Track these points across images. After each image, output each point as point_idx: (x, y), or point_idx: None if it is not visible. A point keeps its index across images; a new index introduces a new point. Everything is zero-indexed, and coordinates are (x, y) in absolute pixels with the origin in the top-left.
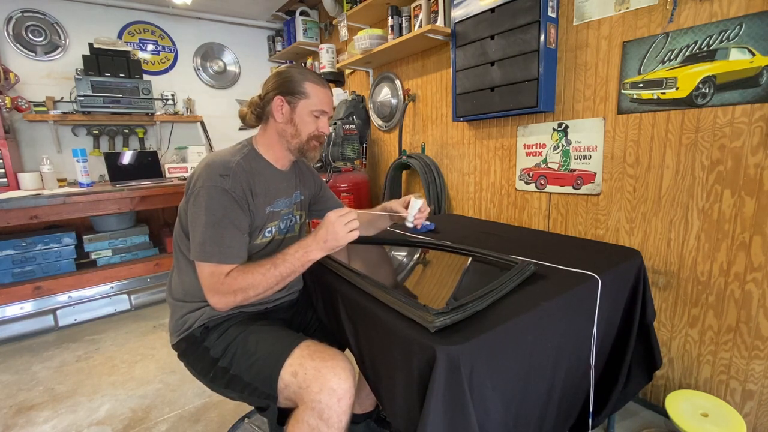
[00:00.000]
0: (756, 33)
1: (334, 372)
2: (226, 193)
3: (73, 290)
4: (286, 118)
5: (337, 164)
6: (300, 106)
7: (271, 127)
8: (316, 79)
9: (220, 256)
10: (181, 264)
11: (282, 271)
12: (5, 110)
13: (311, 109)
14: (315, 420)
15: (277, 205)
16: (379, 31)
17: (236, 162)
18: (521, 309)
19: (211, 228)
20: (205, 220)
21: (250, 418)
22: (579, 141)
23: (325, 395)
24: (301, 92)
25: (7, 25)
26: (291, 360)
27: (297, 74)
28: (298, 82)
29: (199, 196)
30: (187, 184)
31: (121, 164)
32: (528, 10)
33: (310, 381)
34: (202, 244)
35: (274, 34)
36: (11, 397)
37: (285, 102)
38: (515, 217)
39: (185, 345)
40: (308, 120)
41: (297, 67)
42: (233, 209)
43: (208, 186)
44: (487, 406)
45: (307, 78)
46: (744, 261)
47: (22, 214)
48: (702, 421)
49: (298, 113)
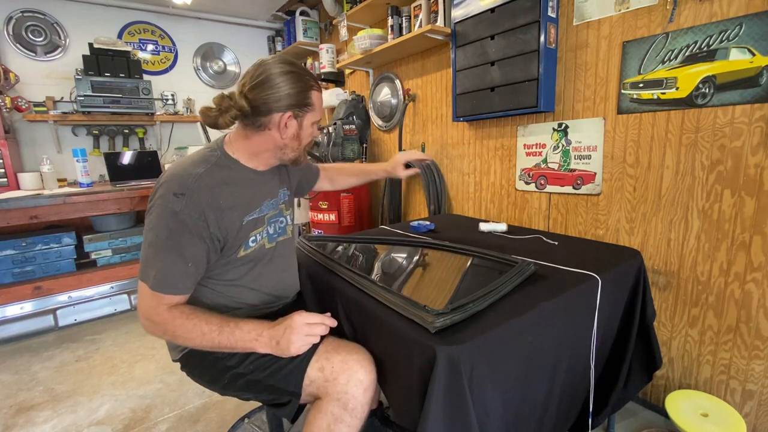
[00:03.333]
0: (756, 33)
1: (360, 364)
2: (175, 215)
3: (73, 290)
4: (292, 134)
5: None
6: (306, 119)
7: (265, 140)
8: (316, 84)
9: (157, 283)
10: None
11: (221, 342)
12: (5, 110)
13: (313, 120)
14: (339, 410)
15: (262, 210)
16: (379, 31)
17: (198, 176)
18: (521, 309)
19: (153, 248)
20: (150, 238)
21: (249, 418)
22: (579, 141)
23: (352, 386)
24: (309, 105)
25: (7, 25)
26: (316, 357)
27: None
28: (307, 93)
29: (151, 212)
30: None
31: (121, 164)
32: (528, 10)
33: (338, 373)
34: (144, 262)
35: (274, 34)
36: (11, 397)
37: (294, 118)
38: (515, 217)
39: (191, 358)
40: (311, 130)
41: (305, 69)
42: (180, 234)
43: (159, 204)
44: (487, 406)
45: (312, 86)
46: (744, 261)
47: (22, 214)
48: (702, 421)
49: (304, 127)
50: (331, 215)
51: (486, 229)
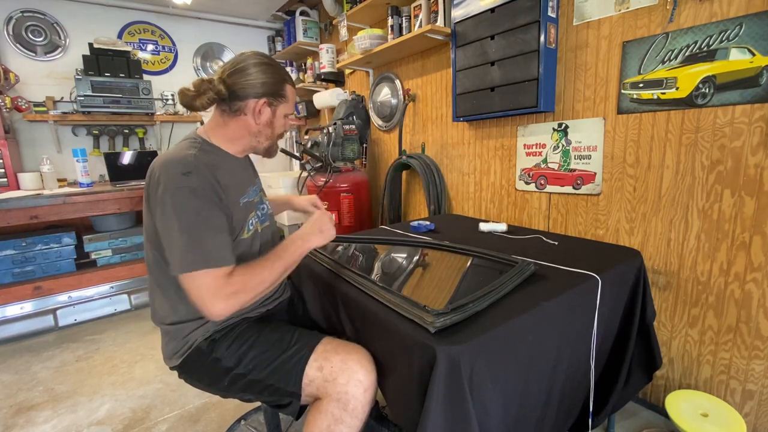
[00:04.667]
0: (756, 33)
1: (360, 364)
2: (194, 192)
3: (73, 290)
4: (265, 121)
5: (337, 164)
6: (280, 109)
7: (241, 126)
8: (290, 80)
9: (207, 261)
10: (164, 284)
11: (286, 262)
12: (5, 110)
13: (286, 112)
14: (339, 411)
15: (249, 195)
16: (379, 31)
17: (194, 156)
18: (521, 309)
19: (187, 234)
20: (178, 226)
21: (246, 419)
22: (579, 141)
23: (352, 386)
24: (283, 95)
25: (7, 25)
26: (315, 356)
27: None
28: (281, 85)
29: (165, 203)
30: (145, 195)
31: (121, 164)
32: (528, 10)
33: (337, 373)
34: (184, 253)
35: (274, 34)
36: (11, 397)
37: (268, 105)
38: (515, 217)
39: (190, 362)
40: (283, 122)
41: (278, 64)
42: (206, 209)
43: (172, 189)
44: (487, 406)
45: (286, 79)
46: (744, 261)
47: (22, 214)
48: (702, 421)
49: (277, 116)
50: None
51: (486, 229)
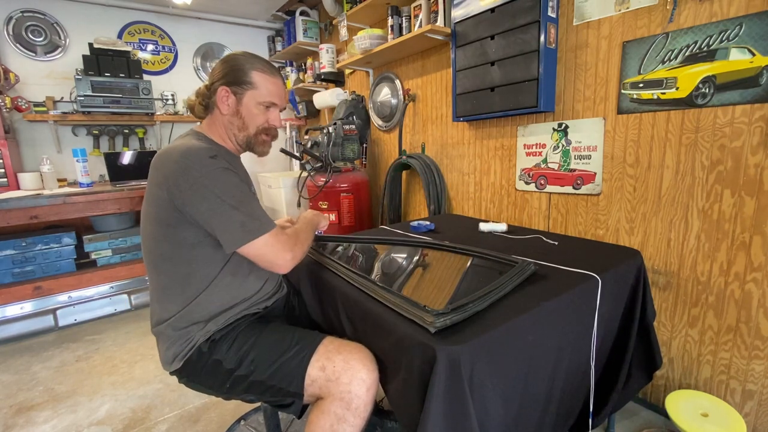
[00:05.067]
0: (756, 33)
1: (363, 363)
2: (227, 171)
3: (73, 290)
4: (231, 110)
5: (337, 164)
6: (246, 97)
7: (218, 119)
8: (265, 68)
9: (265, 227)
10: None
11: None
12: (5, 110)
13: (259, 101)
14: (342, 410)
15: (252, 189)
16: (379, 31)
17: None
18: (521, 309)
19: (239, 209)
20: (228, 203)
21: (245, 420)
22: (579, 141)
23: (355, 386)
24: (247, 82)
25: (7, 25)
26: (317, 356)
27: (244, 62)
28: (244, 71)
29: (205, 186)
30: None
31: (121, 164)
32: (528, 10)
33: (340, 373)
34: (243, 225)
35: (274, 34)
36: (11, 397)
37: (230, 93)
38: (515, 217)
39: (191, 365)
40: (256, 112)
41: (245, 53)
42: (241, 183)
43: (207, 172)
44: (487, 406)
45: (254, 66)
46: (744, 261)
47: (22, 214)
48: (702, 421)
49: (244, 105)
50: (331, 215)
51: (486, 229)
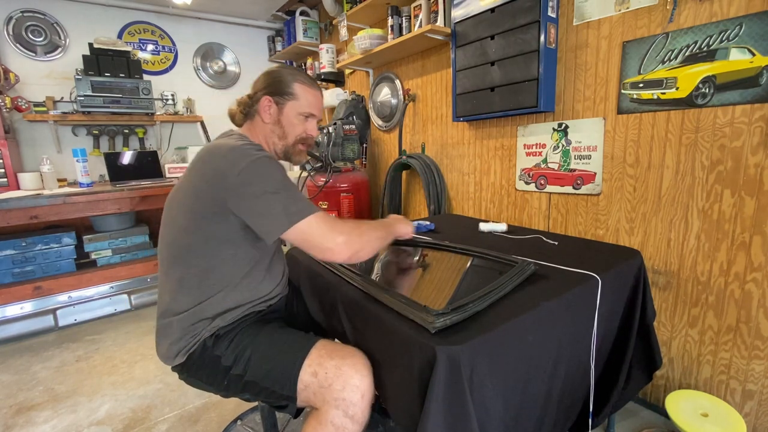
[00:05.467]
0: (756, 33)
1: (355, 369)
2: (271, 159)
3: (73, 290)
4: (273, 119)
5: (337, 164)
6: (288, 107)
7: (258, 127)
8: (306, 81)
9: (311, 209)
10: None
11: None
12: (5, 110)
13: (299, 111)
14: (340, 418)
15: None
16: (379, 31)
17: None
18: (521, 309)
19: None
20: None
21: (242, 419)
22: (579, 141)
23: (349, 392)
24: (289, 93)
25: (7, 25)
26: (309, 360)
27: (287, 74)
28: (287, 83)
29: (249, 174)
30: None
31: (121, 164)
32: (528, 10)
33: (332, 379)
34: (288, 207)
35: (274, 34)
36: (11, 397)
37: (273, 102)
38: (515, 217)
39: (193, 359)
40: (296, 122)
41: (288, 67)
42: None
43: (254, 161)
44: (487, 406)
45: (296, 79)
46: (744, 261)
47: (22, 214)
48: (702, 421)
49: (285, 114)
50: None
51: (486, 229)
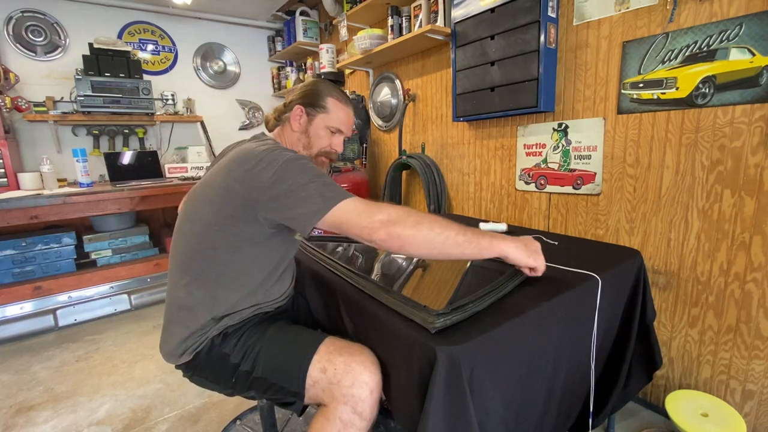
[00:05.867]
0: (756, 33)
1: (364, 365)
2: (303, 156)
3: (73, 290)
4: (302, 128)
5: (337, 164)
6: (318, 119)
7: (287, 134)
8: (340, 98)
9: (345, 193)
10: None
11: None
12: (5, 110)
13: (328, 125)
14: (348, 414)
15: None
16: (379, 31)
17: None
18: (521, 309)
19: (318, 181)
20: (306, 179)
21: (241, 419)
22: (579, 141)
23: (358, 388)
24: (322, 106)
25: (7, 25)
26: (318, 357)
27: (323, 88)
28: (321, 96)
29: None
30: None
31: (121, 164)
32: (528, 10)
33: (341, 375)
34: (324, 193)
35: (274, 34)
36: (11, 397)
37: (304, 113)
38: (515, 217)
39: (200, 357)
40: (323, 134)
41: (326, 81)
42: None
43: (287, 158)
44: (487, 406)
45: (331, 94)
46: (744, 261)
47: (22, 214)
48: (702, 421)
49: (314, 126)
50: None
51: (486, 229)
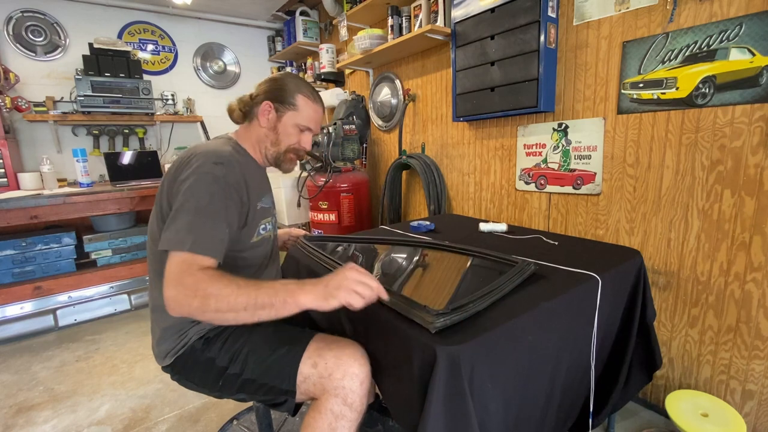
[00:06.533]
0: (756, 33)
1: (354, 358)
2: (217, 180)
3: (73, 290)
4: (270, 124)
5: (337, 164)
6: (287, 116)
7: (254, 129)
8: (310, 94)
9: (194, 245)
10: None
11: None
12: (5, 110)
13: (297, 122)
14: (339, 406)
15: (265, 202)
16: (379, 31)
17: (229, 153)
18: (521, 309)
19: (193, 215)
20: (188, 206)
21: (238, 419)
22: (579, 141)
23: (348, 380)
24: (291, 103)
25: (7, 25)
26: (308, 353)
27: (292, 84)
28: (290, 93)
29: (187, 181)
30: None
31: (121, 164)
32: (528, 10)
33: (332, 369)
34: (177, 231)
35: (274, 34)
36: (11, 397)
37: (273, 109)
38: (515, 217)
39: (183, 361)
40: (291, 132)
41: (295, 76)
42: (221, 198)
43: (199, 172)
44: (487, 406)
45: (301, 90)
46: (744, 261)
47: (22, 214)
48: (702, 421)
49: (283, 123)
50: (331, 215)
51: (486, 229)
